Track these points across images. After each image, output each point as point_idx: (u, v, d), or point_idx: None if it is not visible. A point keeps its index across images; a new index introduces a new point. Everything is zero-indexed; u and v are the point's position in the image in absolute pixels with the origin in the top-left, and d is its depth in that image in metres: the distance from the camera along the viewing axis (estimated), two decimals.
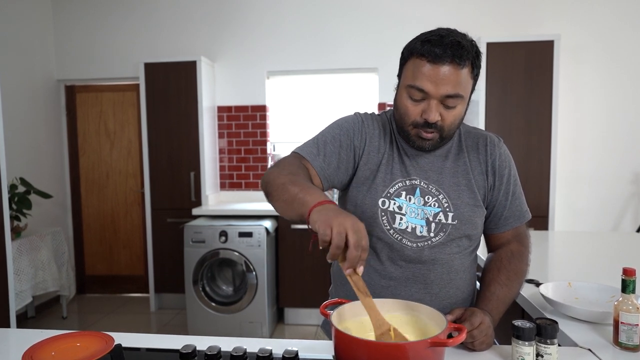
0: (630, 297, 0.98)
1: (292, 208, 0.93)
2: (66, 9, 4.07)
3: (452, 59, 0.96)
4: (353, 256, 0.79)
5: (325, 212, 0.83)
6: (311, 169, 1.09)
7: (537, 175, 3.27)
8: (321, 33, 3.85)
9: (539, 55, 3.21)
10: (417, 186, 1.11)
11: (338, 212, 0.83)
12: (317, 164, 1.09)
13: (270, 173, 1.05)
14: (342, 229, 0.79)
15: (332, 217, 0.81)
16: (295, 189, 0.94)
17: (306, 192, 0.92)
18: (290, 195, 0.94)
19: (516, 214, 1.17)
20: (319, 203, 0.86)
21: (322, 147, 1.11)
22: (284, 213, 0.98)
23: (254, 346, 0.95)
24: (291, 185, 0.96)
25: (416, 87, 1.00)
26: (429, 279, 1.11)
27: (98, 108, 4.20)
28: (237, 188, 4.05)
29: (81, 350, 0.90)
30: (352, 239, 0.79)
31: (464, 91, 1.01)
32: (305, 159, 1.10)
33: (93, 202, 4.25)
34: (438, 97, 0.99)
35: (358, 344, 0.80)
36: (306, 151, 1.11)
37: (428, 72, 0.98)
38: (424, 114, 1.02)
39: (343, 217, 0.81)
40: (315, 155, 1.10)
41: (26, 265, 3.12)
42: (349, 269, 0.81)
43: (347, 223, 0.80)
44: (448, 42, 0.96)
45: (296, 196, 0.92)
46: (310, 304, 3.46)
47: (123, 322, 3.62)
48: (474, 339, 0.97)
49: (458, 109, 1.03)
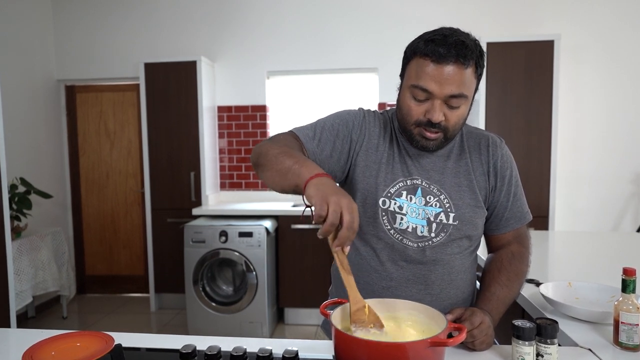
0: (631, 297, 0.98)
1: (286, 178, 0.92)
2: (66, 9, 4.07)
3: (456, 59, 0.96)
4: (344, 236, 0.81)
5: (322, 187, 0.84)
6: (304, 151, 1.08)
7: (537, 175, 3.27)
8: (321, 33, 3.85)
9: (539, 55, 3.21)
10: (418, 186, 1.10)
11: (335, 189, 0.84)
12: (310, 146, 1.09)
13: (262, 145, 1.04)
14: (338, 207, 0.80)
15: (329, 194, 0.82)
16: (290, 160, 0.93)
17: (302, 164, 0.91)
18: (285, 166, 0.93)
19: (517, 215, 1.16)
20: (316, 175, 0.87)
21: (318, 132, 1.11)
22: (276, 183, 0.97)
23: (254, 346, 0.95)
24: (285, 156, 0.95)
25: (420, 87, 0.99)
26: (429, 279, 1.11)
27: (98, 108, 4.20)
28: (237, 188, 4.05)
29: (81, 350, 0.90)
30: (346, 218, 0.80)
31: (468, 91, 1.00)
32: (300, 140, 1.09)
33: (93, 202, 4.25)
34: (442, 97, 0.99)
35: (358, 343, 0.80)
36: (302, 133, 1.11)
37: (432, 72, 0.97)
38: (427, 114, 1.01)
39: (339, 196, 0.82)
40: (310, 138, 1.10)
41: (26, 265, 3.12)
42: (337, 246, 0.83)
43: (343, 202, 0.81)
44: (452, 42, 0.96)
45: (291, 167, 0.92)
46: (310, 304, 3.46)
47: (123, 322, 3.62)
48: (474, 339, 0.97)
49: (462, 109, 1.02)
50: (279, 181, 0.96)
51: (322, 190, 0.83)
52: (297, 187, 0.90)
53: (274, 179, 0.97)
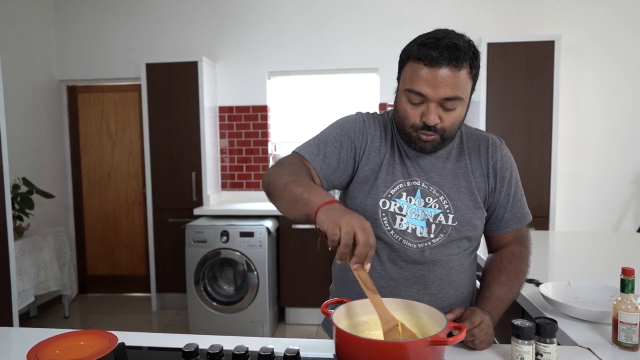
0: (629, 296, 0.99)
1: (297, 208, 0.94)
2: (68, 10, 4.08)
3: (448, 62, 0.96)
4: (361, 253, 0.81)
5: (332, 212, 0.85)
6: (311, 168, 1.09)
7: (538, 175, 3.27)
8: (322, 33, 3.86)
9: (539, 56, 3.22)
10: (417, 187, 1.11)
11: (344, 212, 0.84)
12: (317, 164, 1.09)
13: (271, 173, 1.05)
14: (350, 228, 0.80)
15: (340, 216, 0.82)
16: (299, 190, 0.94)
17: (310, 192, 0.92)
18: (294, 195, 0.94)
19: (517, 216, 1.17)
20: (325, 203, 0.87)
21: (322, 147, 1.11)
22: (288, 213, 0.99)
23: (256, 345, 0.96)
24: (294, 185, 0.96)
25: (414, 91, 1.00)
26: (428, 279, 1.11)
27: (100, 108, 4.21)
28: (238, 188, 4.06)
29: (85, 349, 0.91)
30: (361, 237, 0.80)
31: (463, 93, 1.00)
32: (306, 159, 1.10)
33: (95, 202, 4.26)
34: (436, 100, 0.99)
35: (359, 342, 0.81)
36: (307, 151, 1.11)
37: (425, 75, 0.98)
38: (423, 117, 1.02)
39: (350, 217, 0.82)
40: (315, 155, 1.10)
41: (28, 264, 3.13)
42: (356, 264, 0.83)
43: (354, 222, 0.81)
44: (444, 45, 0.96)
45: (300, 196, 0.93)
46: (311, 304, 3.46)
47: (125, 321, 3.63)
48: (474, 338, 0.97)
49: (458, 111, 1.03)
50: (290, 211, 0.97)
51: (332, 214, 0.84)
52: (308, 217, 0.90)
53: (285, 209, 0.99)
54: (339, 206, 0.87)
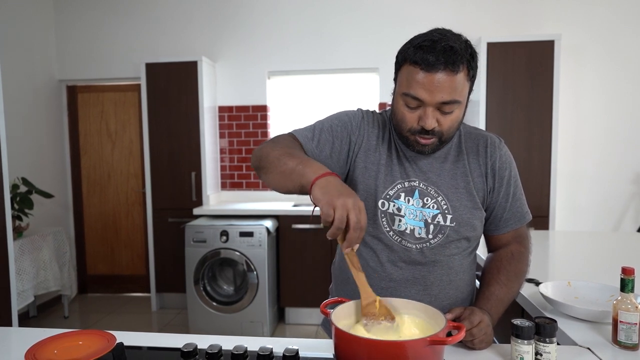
0: (629, 296, 0.98)
1: (291, 179, 0.93)
2: (68, 10, 4.08)
3: (445, 66, 0.94)
4: (352, 237, 0.84)
5: (327, 189, 0.85)
6: (304, 152, 1.08)
7: (538, 175, 3.27)
8: (322, 33, 3.86)
9: (539, 55, 3.21)
10: (416, 188, 1.11)
11: (340, 191, 0.85)
12: (309, 148, 1.09)
13: (263, 148, 1.05)
14: (344, 210, 0.82)
15: (335, 196, 0.83)
16: (294, 161, 0.94)
17: (305, 164, 0.92)
18: (288, 167, 0.94)
19: (516, 215, 1.16)
20: (321, 175, 0.88)
21: (317, 133, 1.11)
22: (280, 185, 0.98)
23: (255, 345, 0.96)
24: (288, 157, 0.96)
25: (411, 96, 0.99)
26: (428, 280, 1.11)
27: (99, 108, 4.21)
28: (238, 188, 4.06)
29: (83, 349, 0.90)
30: (352, 220, 0.82)
31: (460, 96, 0.99)
32: (299, 142, 1.10)
33: (94, 201, 4.26)
34: (433, 104, 0.98)
35: (358, 342, 0.80)
36: (301, 134, 1.11)
37: (422, 80, 0.96)
38: (420, 121, 1.01)
39: (345, 197, 0.83)
40: (309, 139, 1.10)
41: (28, 264, 3.13)
42: (347, 247, 0.86)
43: (349, 203, 0.83)
44: (440, 49, 0.94)
45: (295, 168, 0.93)
46: (311, 304, 3.46)
47: (124, 321, 3.63)
48: (474, 337, 0.97)
49: (455, 114, 1.01)
50: (284, 183, 0.97)
51: (327, 192, 0.84)
52: (303, 188, 0.91)
53: (278, 180, 0.98)
54: (335, 180, 0.88)
